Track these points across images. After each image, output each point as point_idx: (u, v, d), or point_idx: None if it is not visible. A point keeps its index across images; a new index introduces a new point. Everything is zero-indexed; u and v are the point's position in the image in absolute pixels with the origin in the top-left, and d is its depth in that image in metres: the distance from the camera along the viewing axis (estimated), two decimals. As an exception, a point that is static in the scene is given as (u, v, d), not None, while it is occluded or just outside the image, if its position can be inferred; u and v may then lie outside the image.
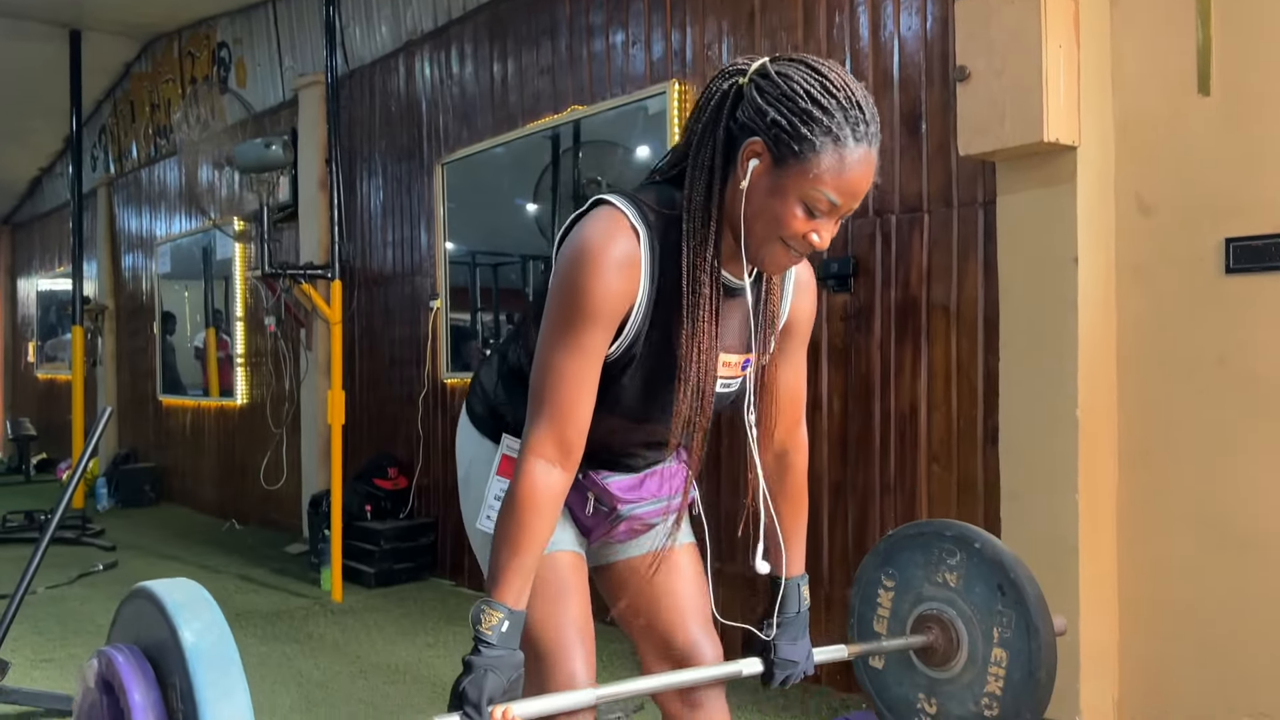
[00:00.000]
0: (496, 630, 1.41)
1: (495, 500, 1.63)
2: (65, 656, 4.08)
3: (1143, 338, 2.81)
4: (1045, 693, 1.96)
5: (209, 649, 1.07)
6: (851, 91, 1.40)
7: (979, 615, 2.02)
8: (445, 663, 3.92)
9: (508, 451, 1.63)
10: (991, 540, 2.05)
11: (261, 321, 6.84)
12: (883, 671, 2.18)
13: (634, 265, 1.45)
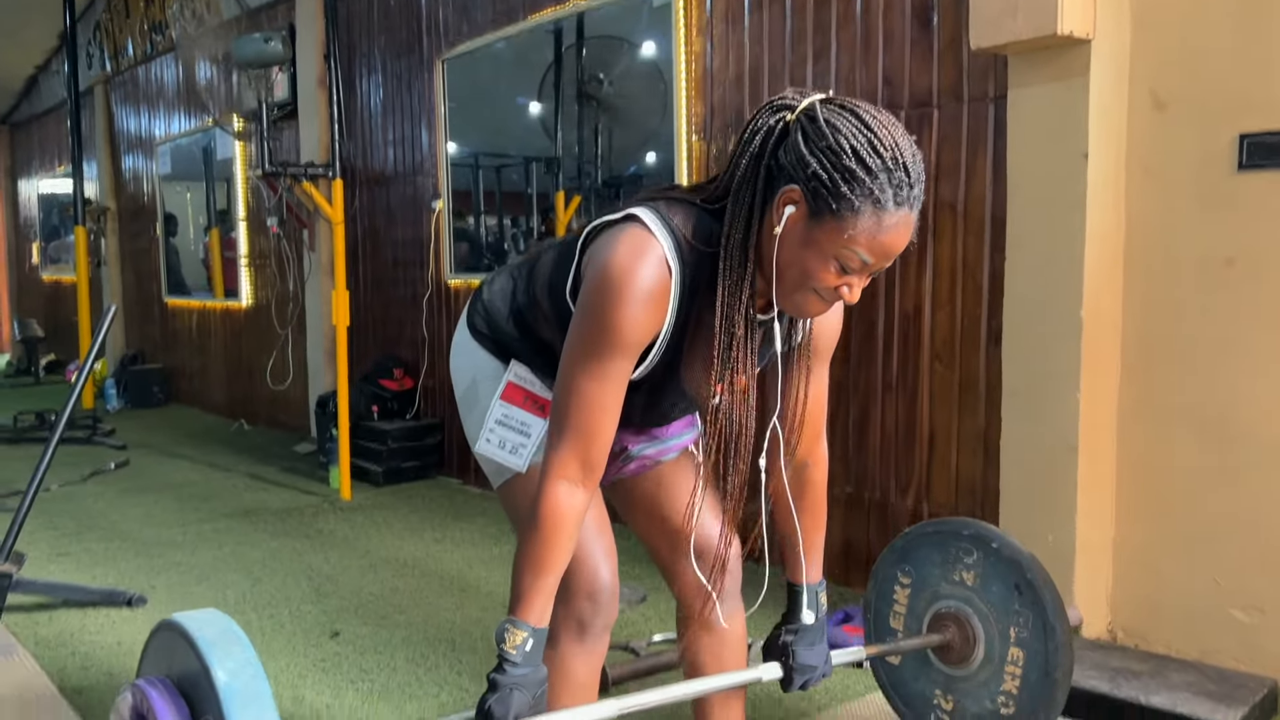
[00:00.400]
0: (521, 649, 1.43)
1: (495, 424, 1.64)
2: (80, 550, 4.17)
3: (1151, 237, 2.78)
4: (1062, 692, 1.99)
5: (243, 689, 1.10)
6: (899, 152, 1.34)
7: (996, 614, 2.04)
8: (453, 557, 3.99)
9: (515, 379, 1.64)
10: (1009, 540, 2.06)
11: (264, 222, 6.79)
12: (899, 668, 2.22)
13: (664, 297, 1.43)
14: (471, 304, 1.73)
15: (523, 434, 1.63)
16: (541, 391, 1.63)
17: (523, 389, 1.63)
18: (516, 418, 1.63)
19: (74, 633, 3.21)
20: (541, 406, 1.63)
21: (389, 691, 2.75)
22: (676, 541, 1.79)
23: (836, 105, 1.37)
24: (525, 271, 1.68)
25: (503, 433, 1.63)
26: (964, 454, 3.22)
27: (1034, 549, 2.83)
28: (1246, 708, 2.35)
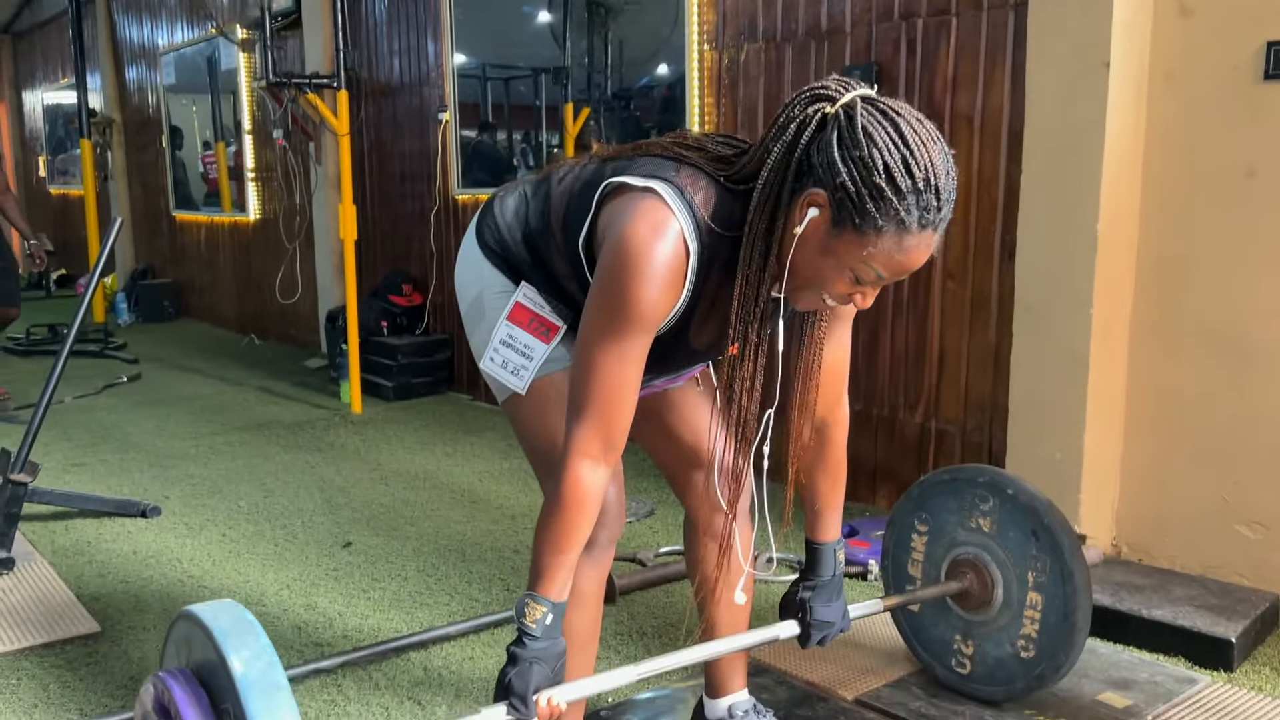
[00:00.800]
0: (541, 624, 1.44)
1: (500, 344, 1.63)
2: (95, 461, 4.22)
3: (1171, 148, 2.72)
4: (1081, 635, 1.99)
5: (259, 678, 1.12)
6: (933, 173, 1.28)
7: (1014, 560, 2.03)
8: (463, 471, 4.03)
9: (523, 300, 1.62)
10: (1024, 485, 2.05)
11: (270, 135, 6.72)
12: (919, 614, 2.22)
13: (681, 276, 1.42)
14: (482, 216, 1.69)
15: (525, 356, 1.62)
16: (549, 315, 1.62)
17: (529, 310, 1.61)
18: (520, 340, 1.62)
19: (90, 541, 3.26)
20: (546, 330, 1.61)
21: (400, 600, 2.79)
22: (686, 455, 1.79)
23: (877, 110, 1.30)
24: (540, 195, 1.64)
25: (506, 353, 1.62)
26: (974, 370, 3.21)
27: (1042, 465, 2.85)
28: (1247, 621, 2.37)
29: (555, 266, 1.60)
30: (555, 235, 1.58)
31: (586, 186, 1.54)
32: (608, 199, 1.47)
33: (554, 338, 1.61)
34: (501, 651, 2.45)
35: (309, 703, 2.23)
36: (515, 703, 1.42)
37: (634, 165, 1.49)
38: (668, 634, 2.56)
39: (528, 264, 1.63)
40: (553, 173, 1.66)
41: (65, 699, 2.27)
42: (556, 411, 1.60)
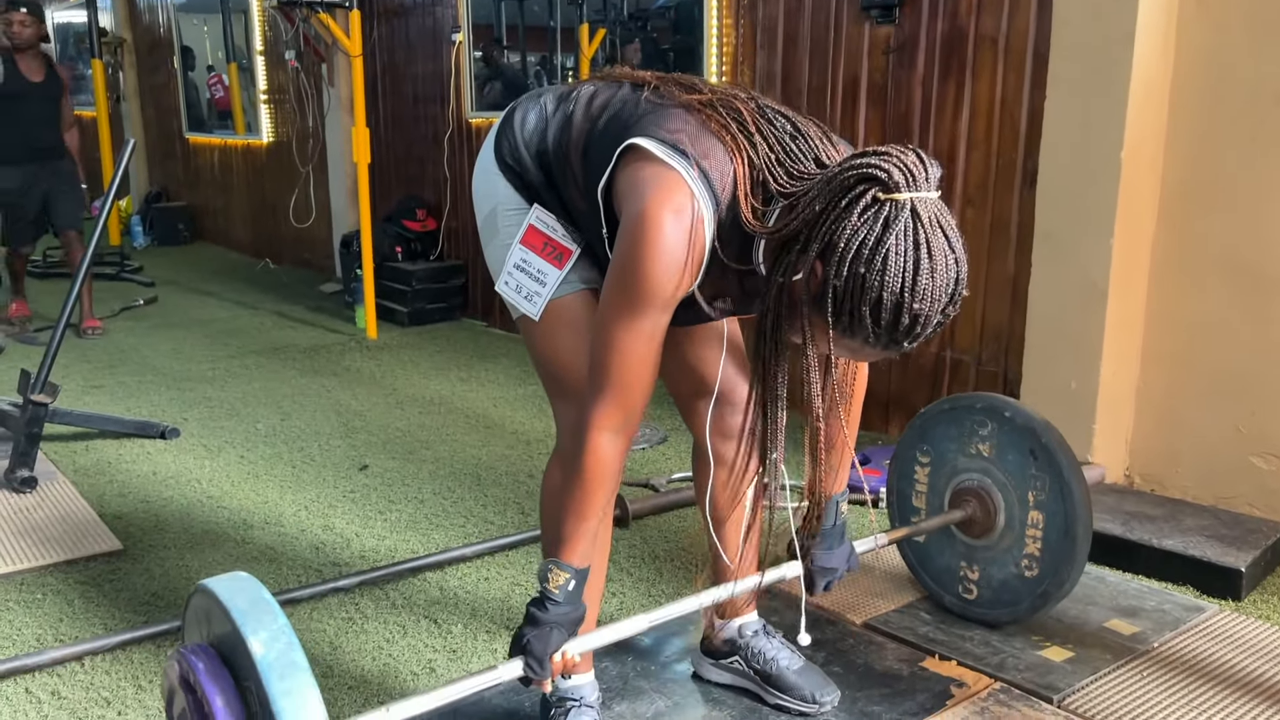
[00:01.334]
0: (564, 589, 1.46)
1: (514, 268, 1.62)
2: (114, 383, 4.26)
3: (1199, 74, 2.66)
4: (1082, 549, 2.00)
5: (277, 659, 1.14)
6: (920, 322, 1.26)
7: (1014, 481, 2.05)
8: (478, 396, 4.05)
9: (536, 223, 1.60)
10: (1021, 408, 2.05)
11: (282, 56, 6.63)
12: (924, 545, 2.24)
13: (700, 258, 1.41)
14: (501, 128, 1.66)
15: (539, 282, 1.61)
16: (562, 239, 1.60)
17: (543, 234, 1.60)
18: (534, 265, 1.61)
19: (110, 461, 3.31)
20: (559, 255, 1.60)
21: (416, 522, 2.83)
22: (694, 383, 1.79)
23: (914, 234, 1.23)
24: (561, 119, 1.60)
25: (520, 277, 1.61)
26: (991, 299, 3.18)
27: (1056, 395, 2.84)
28: (1257, 551, 2.38)
29: (570, 195, 1.58)
30: (573, 168, 1.56)
31: (609, 131, 1.50)
32: (629, 158, 1.44)
33: (567, 262, 1.60)
34: (517, 572, 2.50)
35: (327, 620, 2.28)
36: (533, 664, 1.45)
37: (666, 120, 1.44)
38: (679, 557, 2.59)
39: (543, 185, 1.61)
40: (577, 92, 1.61)
41: (89, 614, 2.32)
42: (569, 334, 1.60)
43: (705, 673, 1.95)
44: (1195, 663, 2.01)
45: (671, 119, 1.45)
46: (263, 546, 2.67)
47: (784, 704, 1.84)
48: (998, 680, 1.94)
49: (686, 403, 1.83)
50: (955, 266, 1.27)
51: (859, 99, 3.43)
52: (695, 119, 1.45)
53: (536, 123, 1.62)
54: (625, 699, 1.90)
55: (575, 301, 1.61)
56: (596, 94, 1.59)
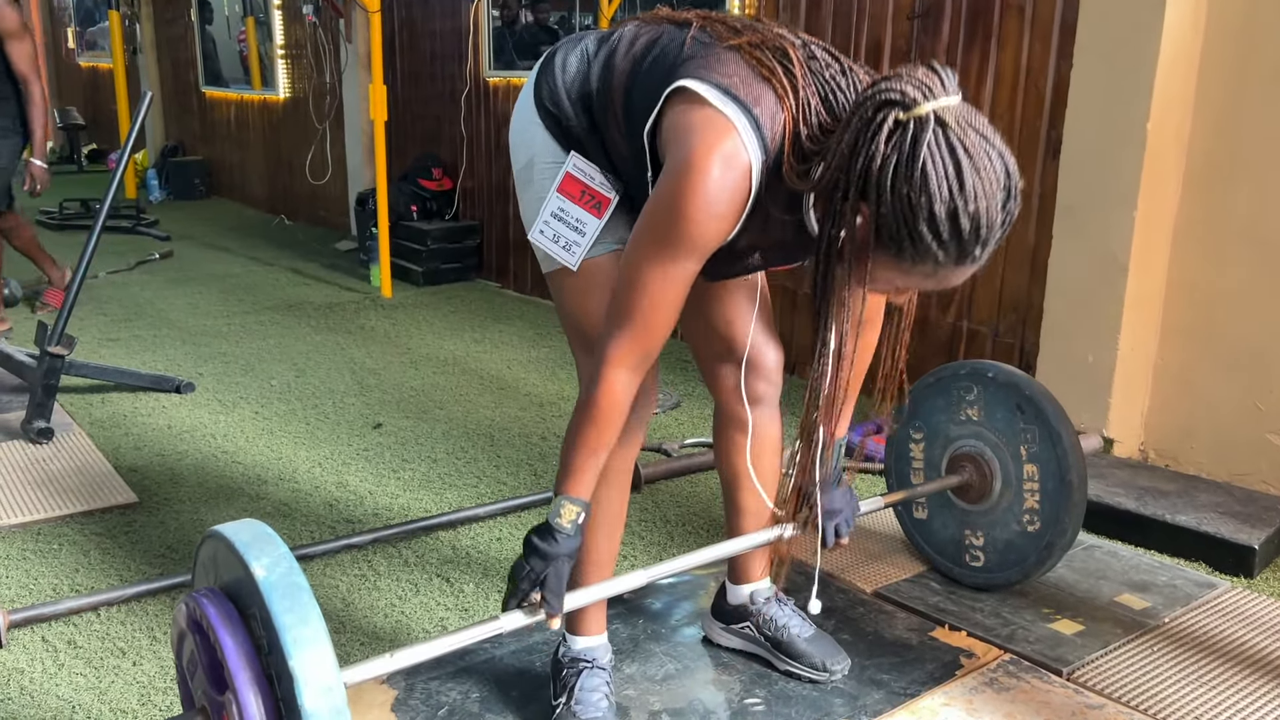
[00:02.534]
0: (575, 524, 1.47)
1: (550, 217, 1.58)
2: (129, 336, 4.27)
3: (1230, 44, 2.61)
4: (1079, 494, 2.02)
5: (279, 580, 1.16)
6: (983, 222, 1.22)
7: (1005, 439, 2.08)
8: (492, 357, 4.05)
9: (573, 171, 1.57)
10: (1002, 367, 2.10)
11: (300, 10, 6.59)
12: (927, 520, 2.25)
13: (741, 208, 1.39)
14: (541, 71, 1.62)
15: (577, 231, 1.58)
16: (600, 187, 1.57)
17: (580, 182, 1.57)
18: (572, 214, 1.58)
19: (126, 414, 3.33)
20: (598, 204, 1.57)
21: (429, 481, 2.84)
22: (719, 347, 1.77)
23: (946, 139, 1.21)
24: (604, 60, 1.56)
25: (557, 226, 1.58)
26: (1010, 271, 3.16)
27: (1073, 369, 2.83)
28: (1272, 529, 2.38)
29: (612, 138, 1.55)
30: (616, 111, 1.53)
31: (655, 73, 1.47)
32: (677, 101, 1.41)
33: (606, 210, 1.57)
34: (528, 534, 2.51)
35: (340, 577, 2.30)
36: (551, 599, 1.46)
37: (715, 63, 1.41)
38: (691, 522, 2.60)
39: (583, 130, 1.57)
40: (620, 33, 1.57)
41: (105, 565, 2.34)
42: (600, 293, 1.58)
43: (716, 637, 1.96)
44: (1206, 639, 2.01)
45: (722, 62, 1.41)
46: (276, 502, 2.69)
47: (794, 670, 1.85)
48: (1007, 651, 1.94)
49: (711, 365, 1.81)
50: (999, 159, 1.23)
51: (882, 65, 3.39)
52: (746, 63, 1.42)
53: (579, 65, 1.58)
54: (635, 661, 1.91)
55: (608, 262, 1.59)
56: (639, 34, 1.55)
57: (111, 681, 1.90)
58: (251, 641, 1.17)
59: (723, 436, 1.85)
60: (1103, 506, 2.49)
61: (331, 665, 1.13)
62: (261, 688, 1.15)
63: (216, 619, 1.18)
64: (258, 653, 1.17)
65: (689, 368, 3.78)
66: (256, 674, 1.15)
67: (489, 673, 1.87)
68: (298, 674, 1.10)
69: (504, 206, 5.26)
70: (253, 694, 1.14)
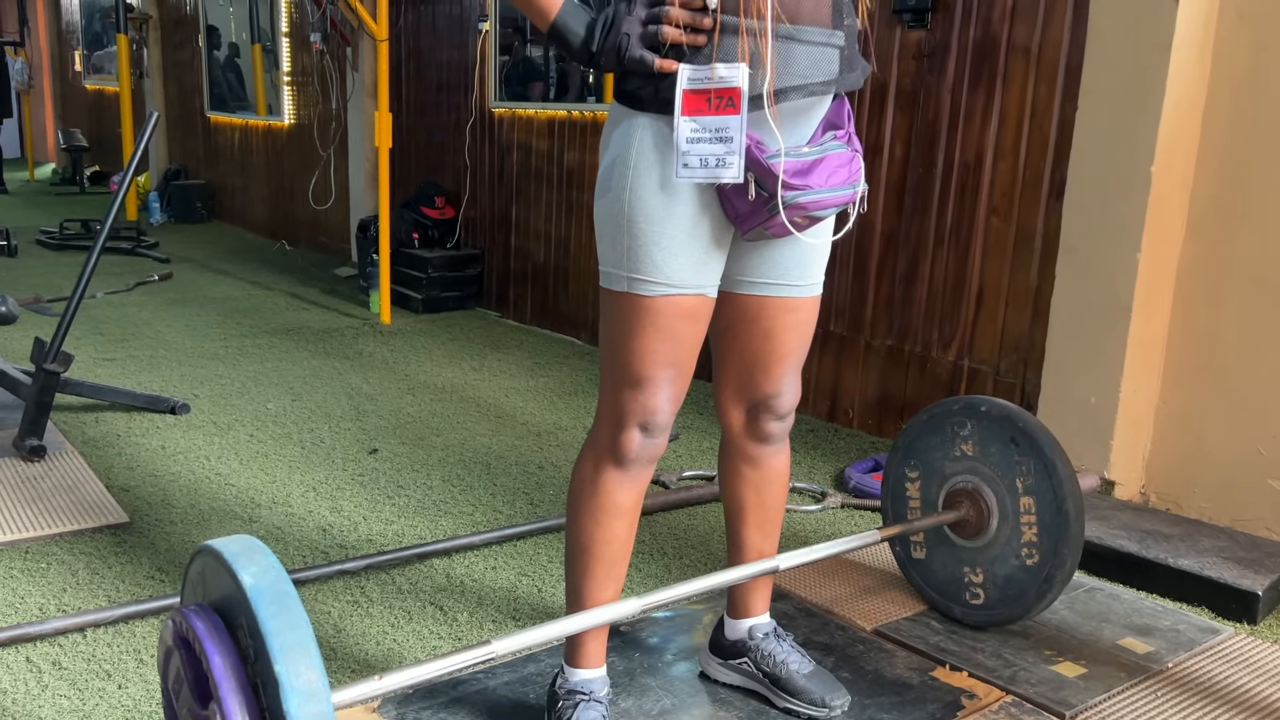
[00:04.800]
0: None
1: (687, 144, 1.46)
2: (125, 357, 4.25)
3: (1235, 90, 2.63)
4: (1077, 524, 2.01)
5: (268, 587, 1.14)
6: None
7: (1000, 472, 2.08)
8: (490, 386, 4.03)
9: (689, 85, 1.45)
10: (996, 400, 2.10)
11: (307, 38, 6.63)
12: (925, 560, 2.24)
13: None
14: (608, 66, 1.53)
15: (724, 141, 1.45)
16: (720, 82, 1.44)
17: (702, 91, 1.45)
18: (710, 125, 1.45)
19: (120, 434, 3.30)
20: (730, 101, 1.44)
21: (425, 507, 2.81)
22: (745, 380, 1.74)
23: None
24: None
25: (701, 150, 1.46)
26: (1013, 311, 3.15)
27: (1075, 410, 2.82)
28: (1276, 575, 2.35)
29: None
30: None
31: None
32: None
33: (740, 104, 1.43)
34: (525, 562, 2.48)
35: (332, 603, 2.26)
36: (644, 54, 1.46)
37: None
38: (688, 555, 2.57)
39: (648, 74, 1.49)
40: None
41: (94, 585, 2.30)
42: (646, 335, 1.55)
43: (713, 673, 1.93)
44: (1210, 685, 1.98)
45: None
46: (269, 525, 2.66)
47: (793, 708, 1.81)
48: (1009, 693, 1.91)
49: (728, 396, 1.78)
50: None
51: (887, 103, 3.41)
52: None
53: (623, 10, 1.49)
54: (631, 695, 1.87)
55: (668, 305, 1.54)
56: None
57: (96, 704, 1.86)
58: (238, 651, 1.14)
59: (728, 468, 1.83)
60: (1105, 549, 2.47)
61: (318, 671, 1.10)
62: (246, 696, 1.12)
63: (203, 631, 1.15)
64: (244, 662, 1.14)
65: (688, 401, 3.76)
66: (241, 682, 1.12)
67: (482, 704, 1.83)
68: (283, 679, 1.07)
69: (505, 236, 5.27)
70: (236, 702, 1.11)
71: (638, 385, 1.59)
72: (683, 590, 1.63)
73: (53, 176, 11.60)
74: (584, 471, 1.67)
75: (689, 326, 1.58)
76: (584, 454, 1.68)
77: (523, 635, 1.46)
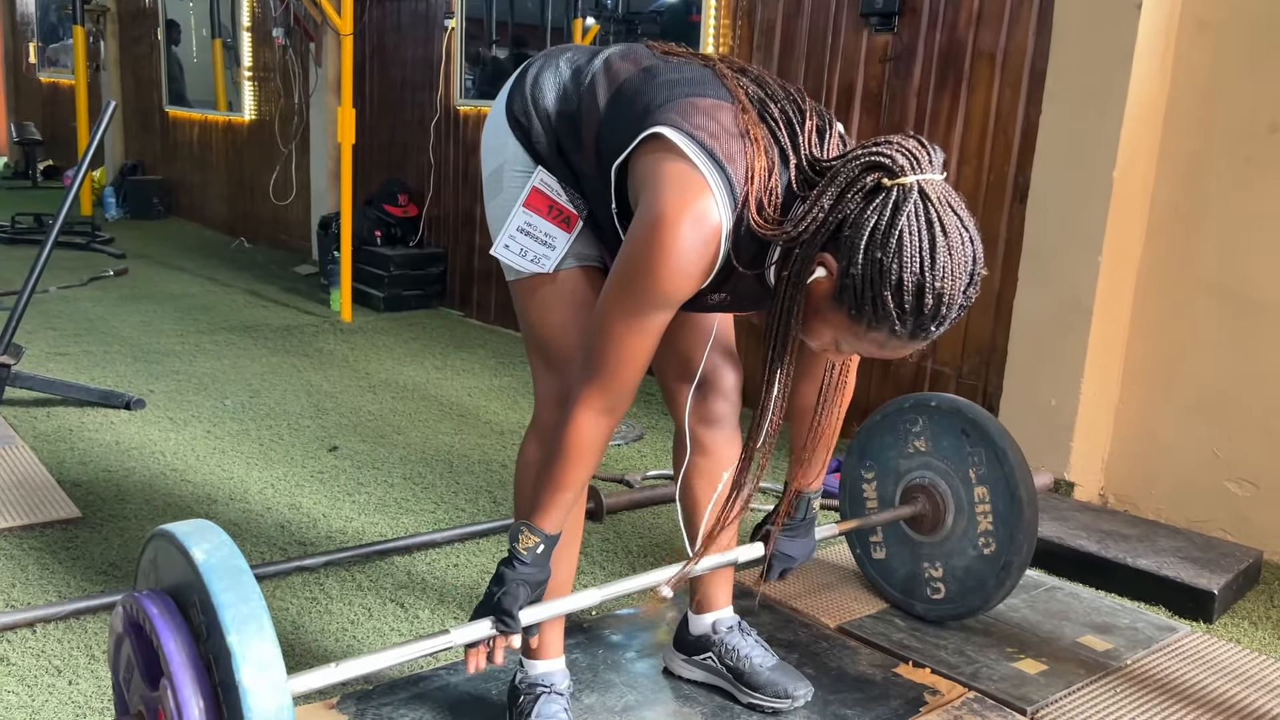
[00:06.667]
0: (532, 552, 1.47)
1: (517, 232, 1.57)
2: (79, 352, 4.16)
3: (1195, 98, 2.67)
4: (1031, 509, 2.03)
5: (219, 563, 1.13)
6: (945, 303, 1.24)
7: (953, 465, 2.10)
8: (453, 385, 4.00)
9: (540, 186, 1.57)
10: (945, 395, 2.13)
11: (269, 33, 6.55)
12: (886, 560, 2.25)
13: (712, 264, 1.39)
14: (515, 86, 1.61)
15: (547, 245, 1.57)
16: (567, 204, 1.57)
17: (548, 198, 1.56)
18: (540, 228, 1.57)
19: (73, 429, 3.23)
20: (566, 219, 1.57)
21: (385, 505, 2.78)
22: (678, 365, 1.77)
23: (925, 213, 1.23)
24: (575, 86, 1.55)
25: (525, 241, 1.57)
26: (975, 314, 3.18)
27: (1036, 412, 2.84)
28: (1230, 575, 2.38)
29: (578, 164, 1.55)
30: (585, 140, 1.52)
31: (630, 111, 1.45)
32: (651, 146, 1.40)
33: (575, 226, 1.56)
34: (487, 560, 2.46)
35: (291, 599, 2.22)
36: (506, 619, 1.45)
37: (693, 110, 1.40)
38: (653, 553, 2.56)
39: (550, 152, 1.57)
40: (596, 60, 1.56)
41: (44, 581, 2.25)
42: (561, 309, 1.58)
43: (677, 669, 1.92)
44: (1167, 682, 2.00)
45: (699, 110, 1.40)
46: (226, 521, 2.61)
47: (756, 702, 1.81)
48: (971, 689, 1.92)
49: (671, 386, 1.80)
50: (971, 243, 1.26)
51: (854, 106, 3.42)
52: (722, 111, 1.41)
53: (551, 83, 1.57)
54: (595, 691, 1.86)
55: (569, 277, 1.59)
56: (616, 64, 1.53)
57: (45, 700, 1.81)
58: (190, 629, 1.12)
59: (681, 459, 1.83)
60: (1065, 549, 2.49)
61: (271, 644, 1.08)
62: (198, 671, 1.09)
63: (154, 612, 1.12)
64: (196, 640, 1.11)
65: (653, 401, 3.75)
66: (193, 658, 1.10)
67: (444, 700, 1.81)
68: (235, 650, 1.05)
69: (470, 234, 5.23)
70: (188, 677, 1.08)
71: (569, 363, 1.60)
72: (642, 581, 1.62)
73: (4, 170, 11.36)
74: (529, 454, 1.69)
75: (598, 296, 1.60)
76: (528, 437, 1.71)
77: (481, 624, 1.45)
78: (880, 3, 3.24)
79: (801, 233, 1.31)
